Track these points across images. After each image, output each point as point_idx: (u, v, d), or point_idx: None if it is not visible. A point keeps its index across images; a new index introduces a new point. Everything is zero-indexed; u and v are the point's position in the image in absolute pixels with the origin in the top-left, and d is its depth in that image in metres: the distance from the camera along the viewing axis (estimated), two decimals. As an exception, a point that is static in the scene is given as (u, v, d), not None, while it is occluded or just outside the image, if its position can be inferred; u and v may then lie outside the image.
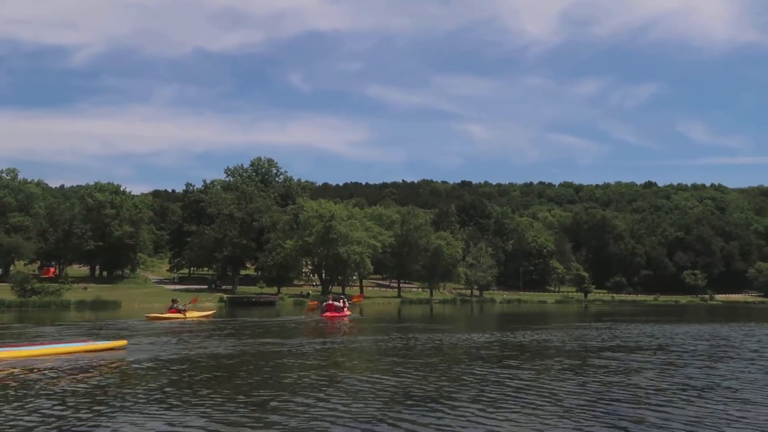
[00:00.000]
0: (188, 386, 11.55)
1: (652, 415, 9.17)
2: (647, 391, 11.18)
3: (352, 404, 9.82)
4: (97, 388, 11.29)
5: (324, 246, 74.70)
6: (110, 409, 9.37)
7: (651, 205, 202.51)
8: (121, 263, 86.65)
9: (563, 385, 11.92)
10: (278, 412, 9.33)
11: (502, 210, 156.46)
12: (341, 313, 39.60)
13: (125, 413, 9.15)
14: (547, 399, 10.37)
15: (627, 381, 12.50)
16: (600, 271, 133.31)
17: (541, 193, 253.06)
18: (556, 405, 9.87)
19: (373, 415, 9.02)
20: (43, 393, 10.70)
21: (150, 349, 18.39)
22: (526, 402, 10.08)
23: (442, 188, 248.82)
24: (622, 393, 11.05)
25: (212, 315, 40.60)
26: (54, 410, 9.26)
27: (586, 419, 8.88)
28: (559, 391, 11.08)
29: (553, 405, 9.86)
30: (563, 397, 10.60)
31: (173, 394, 10.73)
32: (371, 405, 9.79)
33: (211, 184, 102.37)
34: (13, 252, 75.63)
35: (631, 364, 15.40)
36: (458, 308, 71.51)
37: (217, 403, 9.96)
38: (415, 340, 22.13)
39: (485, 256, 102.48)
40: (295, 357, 16.85)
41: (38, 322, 34.53)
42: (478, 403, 9.99)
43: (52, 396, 10.43)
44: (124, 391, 10.98)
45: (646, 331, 28.77)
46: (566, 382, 12.35)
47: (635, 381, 12.48)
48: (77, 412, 9.18)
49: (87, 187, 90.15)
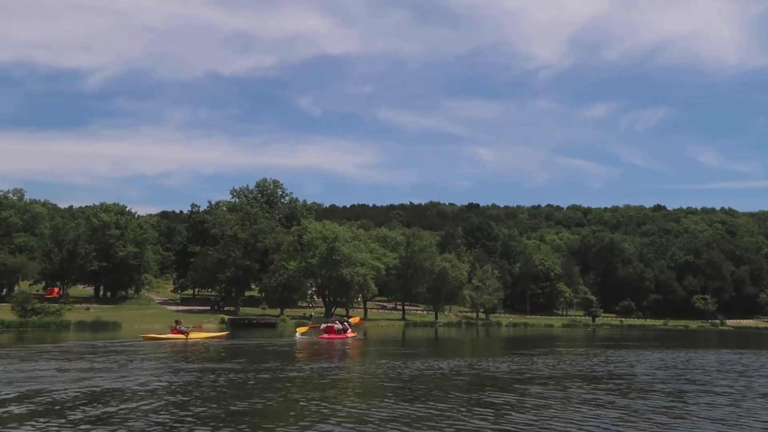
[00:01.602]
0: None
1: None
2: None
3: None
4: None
5: (327, 267, 74.29)
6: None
7: (660, 228, 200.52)
8: (126, 284, 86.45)
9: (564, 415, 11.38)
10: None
11: (509, 232, 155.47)
12: (341, 335, 39.76)
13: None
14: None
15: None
16: (608, 295, 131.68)
17: (549, 216, 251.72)
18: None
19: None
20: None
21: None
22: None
23: (449, 210, 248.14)
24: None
25: (224, 336, 40.04)
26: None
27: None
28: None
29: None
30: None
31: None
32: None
33: (216, 205, 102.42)
34: (18, 272, 75.63)
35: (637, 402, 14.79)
36: (463, 331, 70.59)
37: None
38: (411, 365, 21.56)
39: (491, 278, 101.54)
40: (279, 381, 16.36)
41: (39, 341, 34.28)
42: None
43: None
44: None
45: (664, 360, 27.50)
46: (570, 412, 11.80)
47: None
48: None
49: (93, 207, 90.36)
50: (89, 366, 19.43)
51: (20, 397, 12.59)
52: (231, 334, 42.75)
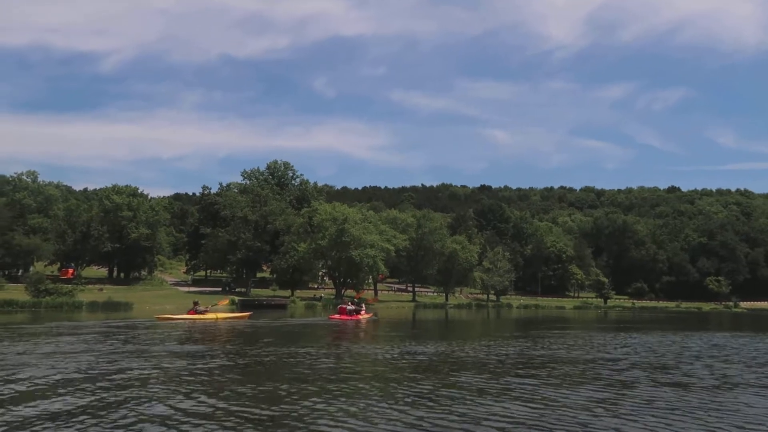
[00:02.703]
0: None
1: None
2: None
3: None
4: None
5: (337, 249, 74.38)
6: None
7: (674, 210, 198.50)
8: (139, 265, 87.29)
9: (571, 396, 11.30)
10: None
11: (521, 214, 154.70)
12: (354, 316, 40.34)
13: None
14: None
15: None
16: (620, 277, 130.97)
17: (561, 198, 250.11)
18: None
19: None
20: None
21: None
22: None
23: (461, 192, 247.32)
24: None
25: (247, 317, 40.36)
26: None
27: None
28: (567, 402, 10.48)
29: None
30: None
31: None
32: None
33: (227, 186, 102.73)
34: (33, 253, 76.54)
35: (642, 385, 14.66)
36: (473, 313, 70.66)
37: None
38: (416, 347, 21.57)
39: (502, 260, 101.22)
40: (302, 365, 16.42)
41: (53, 320, 34.79)
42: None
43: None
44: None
45: (679, 342, 27.43)
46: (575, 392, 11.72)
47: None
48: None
49: (105, 189, 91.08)
50: (111, 347, 19.61)
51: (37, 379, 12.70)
52: (253, 315, 42.92)
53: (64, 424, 8.50)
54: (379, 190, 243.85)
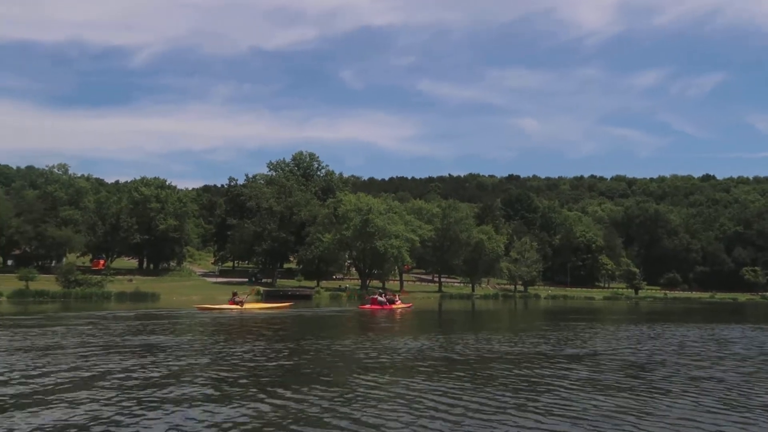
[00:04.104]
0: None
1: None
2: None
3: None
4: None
5: (362, 239, 74.26)
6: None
7: (708, 198, 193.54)
8: (167, 256, 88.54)
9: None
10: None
11: (550, 204, 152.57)
12: (385, 306, 41.41)
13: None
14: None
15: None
16: (652, 267, 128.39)
17: (591, 187, 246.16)
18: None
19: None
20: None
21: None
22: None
23: (489, 182, 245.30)
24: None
25: (287, 306, 40.56)
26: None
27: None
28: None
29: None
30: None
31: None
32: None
33: (253, 178, 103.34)
34: (64, 245, 78.15)
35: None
36: (500, 304, 69.85)
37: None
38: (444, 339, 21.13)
39: (530, 250, 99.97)
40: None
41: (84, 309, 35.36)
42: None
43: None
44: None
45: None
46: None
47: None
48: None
49: (134, 182, 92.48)
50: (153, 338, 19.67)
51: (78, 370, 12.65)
52: (293, 305, 43.15)
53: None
54: (405, 180, 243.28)
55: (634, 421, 8.23)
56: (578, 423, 8.12)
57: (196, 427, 7.80)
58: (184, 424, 7.95)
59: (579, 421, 8.19)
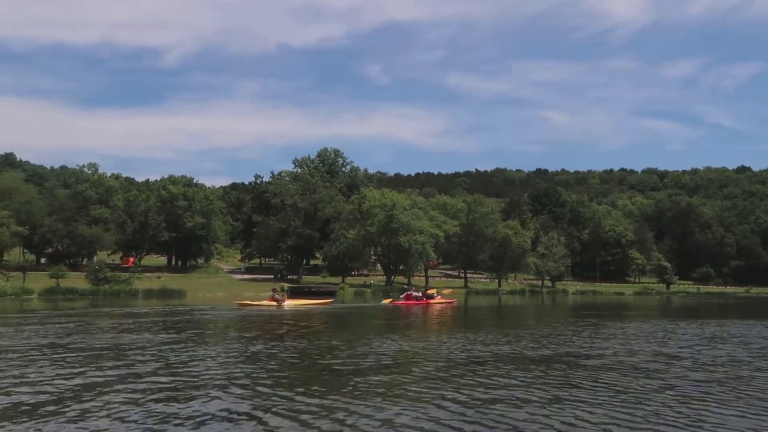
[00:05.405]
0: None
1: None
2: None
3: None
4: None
5: (386, 235, 74.00)
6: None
7: (744, 191, 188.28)
8: (195, 253, 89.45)
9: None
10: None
11: (578, 198, 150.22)
12: (420, 301, 42.09)
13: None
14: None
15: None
16: (684, 262, 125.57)
17: (622, 180, 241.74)
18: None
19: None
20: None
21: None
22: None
23: (516, 177, 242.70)
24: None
25: (329, 303, 40.69)
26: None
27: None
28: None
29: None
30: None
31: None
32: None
33: (278, 175, 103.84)
34: (95, 242, 79.53)
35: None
36: (526, 299, 68.87)
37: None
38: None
39: (558, 245, 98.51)
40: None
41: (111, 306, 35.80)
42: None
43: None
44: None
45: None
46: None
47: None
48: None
49: (162, 180, 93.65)
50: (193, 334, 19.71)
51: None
52: (335, 301, 43.33)
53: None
54: (432, 176, 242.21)
55: None
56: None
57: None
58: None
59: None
